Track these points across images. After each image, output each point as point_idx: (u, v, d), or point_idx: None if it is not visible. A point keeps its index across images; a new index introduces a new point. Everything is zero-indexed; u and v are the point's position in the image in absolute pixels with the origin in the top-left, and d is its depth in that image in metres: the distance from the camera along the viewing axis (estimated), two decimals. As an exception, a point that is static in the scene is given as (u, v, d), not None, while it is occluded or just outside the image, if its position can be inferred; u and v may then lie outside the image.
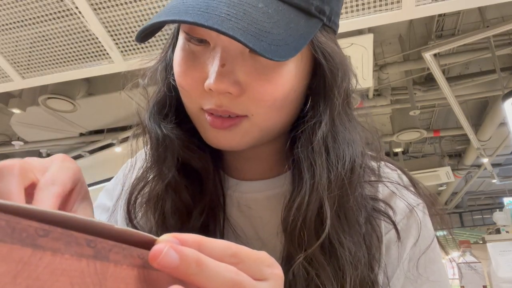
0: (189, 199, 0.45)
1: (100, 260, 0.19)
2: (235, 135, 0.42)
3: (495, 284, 1.66)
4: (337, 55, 0.43)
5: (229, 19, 0.35)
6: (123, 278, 0.20)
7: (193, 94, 0.42)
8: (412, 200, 0.47)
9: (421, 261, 0.44)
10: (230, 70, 0.39)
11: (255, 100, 0.40)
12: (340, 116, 0.42)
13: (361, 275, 0.39)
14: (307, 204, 0.39)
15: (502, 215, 2.20)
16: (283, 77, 0.40)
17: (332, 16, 0.43)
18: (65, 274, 0.18)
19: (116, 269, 0.20)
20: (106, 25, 1.64)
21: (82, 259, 0.19)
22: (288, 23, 0.38)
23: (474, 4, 1.59)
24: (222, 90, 0.39)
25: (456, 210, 8.61)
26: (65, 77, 1.97)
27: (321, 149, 0.40)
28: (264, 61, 0.39)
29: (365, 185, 0.46)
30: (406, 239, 0.45)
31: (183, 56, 0.42)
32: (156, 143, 0.46)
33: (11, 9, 1.60)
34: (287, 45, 0.37)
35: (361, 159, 0.42)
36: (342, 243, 0.39)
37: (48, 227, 0.18)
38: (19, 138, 3.93)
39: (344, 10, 1.56)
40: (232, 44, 0.39)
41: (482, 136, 3.98)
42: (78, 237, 0.19)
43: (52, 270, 0.17)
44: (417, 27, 3.11)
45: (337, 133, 0.42)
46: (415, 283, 0.43)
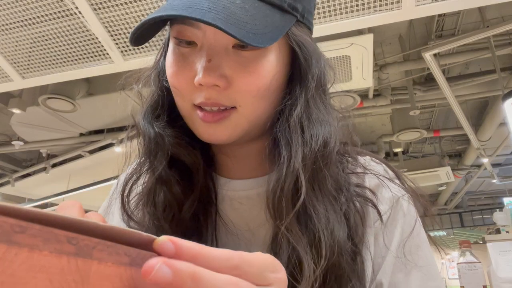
0: (180, 192, 0.48)
1: (83, 257, 0.19)
2: (225, 127, 0.45)
3: (495, 284, 1.66)
4: (310, 45, 0.47)
5: (210, 12, 0.39)
6: (108, 275, 0.20)
7: (185, 91, 0.45)
8: (397, 191, 0.50)
9: (408, 248, 0.46)
10: (216, 65, 0.43)
11: (241, 91, 0.44)
12: (314, 100, 0.46)
13: (339, 246, 0.41)
14: (285, 176, 0.43)
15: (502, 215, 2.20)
16: (264, 67, 0.44)
17: (305, 13, 0.48)
18: (44, 271, 0.17)
19: (100, 266, 0.20)
20: (106, 25, 1.64)
21: (62, 256, 0.18)
22: (264, 17, 0.42)
23: (474, 4, 1.60)
24: (210, 83, 0.42)
25: (456, 210, 8.61)
26: (65, 77, 1.97)
27: (296, 127, 0.44)
28: (246, 54, 0.44)
29: (352, 176, 0.49)
30: (394, 228, 0.47)
31: (174, 59, 0.46)
32: (148, 140, 0.49)
33: (11, 9, 1.60)
34: (265, 35, 0.41)
35: (334, 138, 0.45)
36: (316, 212, 0.42)
37: (25, 224, 0.17)
38: (19, 138, 3.93)
39: (344, 10, 1.56)
40: (216, 42, 0.44)
41: (482, 136, 3.98)
42: (58, 234, 0.18)
43: (29, 266, 0.17)
44: (417, 27, 3.11)
45: (311, 114, 0.45)
46: (404, 269, 0.45)
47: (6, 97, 3.01)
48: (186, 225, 0.48)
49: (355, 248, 0.43)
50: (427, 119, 4.83)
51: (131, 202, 0.51)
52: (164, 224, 0.48)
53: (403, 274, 0.45)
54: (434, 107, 4.43)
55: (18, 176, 4.71)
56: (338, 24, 1.61)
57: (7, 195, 5.52)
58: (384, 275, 0.45)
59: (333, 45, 2.20)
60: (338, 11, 1.57)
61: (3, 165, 4.94)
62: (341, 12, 1.57)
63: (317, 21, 1.61)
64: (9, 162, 4.99)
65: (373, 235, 0.46)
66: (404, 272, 0.45)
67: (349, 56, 2.30)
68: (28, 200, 5.37)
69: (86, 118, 3.43)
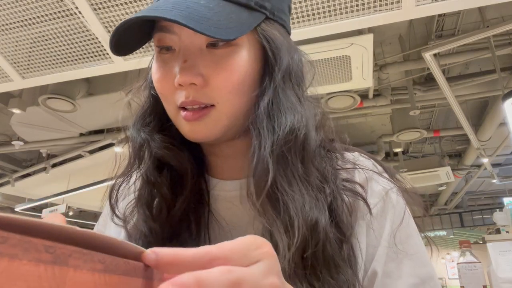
0: (169, 194, 0.51)
1: (59, 265, 0.20)
2: (206, 124, 0.47)
3: (495, 284, 1.66)
4: (278, 40, 0.49)
5: (172, 10, 0.42)
6: (83, 282, 0.21)
7: (169, 94, 0.48)
8: (386, 184, 0.51)
9: (399, 238, 0.47)
10: (191, 65, 0.46)
11: (217, 88, 0.46)
12: (283, 90, 0.48)
13: (318, 230, 0.42)
14: (255, 163, 0.45)
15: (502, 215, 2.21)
16: (237, 63, 0.46)
17: (275, 11, 0.51)
18: (22, 279, 0.18)
19: (75, 273, 0.20)
20: (106, 25, 1.64)
21: (40, 264, 0.19)
22: (229, 14, 0.45)
23: (474, 4, 1.60)
24: (187, 81, 0.45)
25: (456, 210, 8.61)
26: (65, 77, 1.97)
27: (263, 117, 0.47)
28: (219, 52, 0.46)
29: (342, 171, 0.52)
30: (384, 219, 0.49)
31: (157, 66, 0.50)
32: (135, 146, 0.52)
33: (11, 9, 1.60)
34: (229, 29, 0.44)
35: (303, 126, 0.47)
36: (288, 197, 0.44)
37: (6, 234, 0.18)
38: (19, 138, 3.93)
39: (344, 10, 1.56)
40: (191, 43, 0.47)
41: (482, 136, 3.98)
42: (36, 243, 0.19)
43: (9, 275, 0.18)
44: (417, 27, 3.12)
45: (278, 103, 0.48)
46: (396, 259, 0.46)
47: (6, 97, 3.01)
48: (178, 226, 0.50)
49: (342, 237, 0.45)
50: (427, 119, 4.83)
51: (127, 207, 0.54)
52: (156, 226, 0.50)
53: (395, 263, 0.46)
54: (434, 107, 4.43)
55: (18, 176, 4.71)
56: (338, 24, 1.61)
57: (7, 195, 5.53)
58: (378, 264, 0.46)
59: (333, 45, 2.20)
60: (338, 11, 1.57)
61: (3, 165, 4.94)
62: (341, 12, 1.57)
63: (317, 21, 1.61)
64: (9, 162, 4.99)
65: (365, 227, 0.48)
66: (396, 261, 0.46)
67: (349, 56, 2.30)
68: (28, 200, 5.37)
69: (86, 118, 3.43)
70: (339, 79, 2.56)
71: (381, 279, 0.45)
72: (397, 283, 0.45)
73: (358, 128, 4.89)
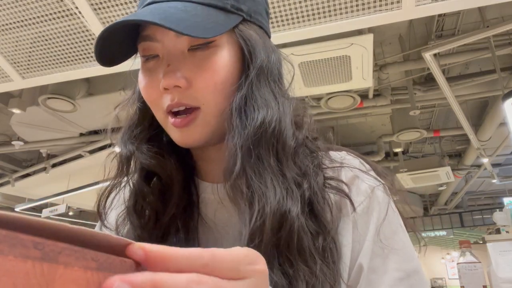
0: (158, 202, 0.52)
1: (48, 262, 0.19)
2: (195, 128, 0.49)
3: (495, 284, 1.66)
4: (254, 39, 0.52)
5: (150, 14, 0.44)
6: (74, 280, 0.20)
7: (156, 100, 0.50)
8: (372, 182, 0.52)
9: (384, 234, 0.48)
10: (175, 68, 0.48)
11: (201, 89, 0.48)
12: (257, 87, 0.50)
13: (287, 220, 0.44)
14: (227, 155, 0.48)
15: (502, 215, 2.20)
16: (217, 63, 0.48)
17: (252, 13, 0.53)
18: (8, 275, 0.18)
19: (66, 271, 0.20)
20: (106, 25, 1.64)
21: (27, 260, 0.19)
22: (206, 16, 0.47)
23: (474, 4, 1.60)
24: (171, 84, 0.47)
25: (456, 210, 8.61)
26: (65, 77, 1.97)
27: (235, 112, 0.48)
28: (200, 54, 0.48)
29: (328, 170, 0.53)
30: (370, 216, 0.50)
31: (143, 75, 0.51)
32: (124, 157, 0.54)
33: (11, 9, 1.61)
34: (206, 29, 0.45)
35: (275, 121, 0.49)
36: (254, 184, 0.45)
37: None
38: (19, 138, 3.93)
39: (344, 10, 1.56)
40: (173, 48, 0.49)
41: (482, 136, 3.98)
42: (24, 239, 0.19)
43: None
44: (417, 27, 3.12)
45: (251, 99, 0.49)
46: (381, 254, 0.47)
47: (6, 97, 3.01)
48: (167, 231, 0.51)
49: (318, 229, 0.46)
50: (427, 119, 4.83)
51: (119, 216, 0.55)
52: (144, 233, 0.51)
53: (381, 259, 0.47)
54: (434, 107, 4.43)
55: (18, 176, 4.71)
56: (338, 24, 1.61)
57: (7, 195, 5.53)
58: (364, 259, 0.47)
59: (333, 45, 2.20)
60: (338, 11, 1.57)
61: (3, 165, 4.94)
62: (341, 12, 1.57)
63: (317, 21, 1.61)
64: (9, 162, 4.99)
65: (351, 224, 0.49)
66: (381, 256, 0.47)
67: (349, 56, 2.30)
68: (28, 200, 5.37)
69: (86, 118, 3.43)
70: (339, 79, 2.56)
71: (367, 275, 0.46)
72: (383, 278, 0.46)
73: (358, 128, 4.89)
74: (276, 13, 1.58)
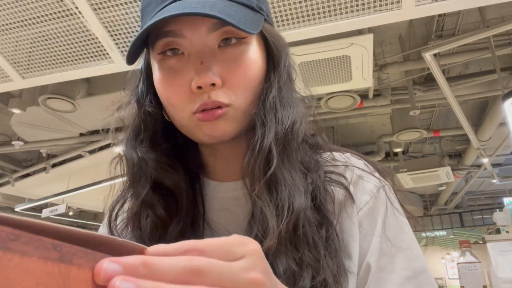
0: (164, 214, 0.51)
1: (65, 263, 0.21)
2: (225, 122, 0.48)
3: (495, 284, 1.66)
4: (280, 38, 0.53)
5: (203, 7, 0.43)
6: (86, 280, 0.22)
7: (182, 101, 0.47)
8: (377, 182, 0.53)
9: (391, 233, 0.49)
10: (208, 66, 0.46)
11: (234, 86, 0.47)
12: (285, 85, 0.51)
13: (297, 212, 0.45)
14: (257, 151, 0.47)
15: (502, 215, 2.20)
16: (249, 59, 0.48)
17: (268, 14, 0.54)
18: (32, 275, 0.20)
19: (79, 271, 0.22)
20: (106, 25, 1.64)
21: (47, 261, 0.21)
22: (242, 11, 0.47)
23: (474, 4, 1.60)
24: (208, 82, 0.45)
25: (456, 210, 8.61)
26: (65, 77, 1.97)
27: (271, 108, 0.48)
28: (231, 51, 0.48)
29: (331, 168, 0.54)
30: (376, 215, 0.50)
31: (163, 74, 0.49)
32: (132, 165, 0.52)
33: (11, 9, 1.60)
34: (248, 24, 0.45)
35: (299, 120, 0.50)
36: (284, 182, 0.46)
37: (19, 232, 0.20)
38: (19, 138, 3.93)
39: (344, 10, 1.56)
40: (204, 46, 0.47)
41: (482, 136, 3.98)
42: (45, 242, 0.21)
43: (20, 270, 0.19)
44: (417, 27, 3.12)
45: (282, 97, 0.50)
46: (389, 253, 0.47)
47: (6, 97, 3.01)
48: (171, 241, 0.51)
49: (321, 220, 0.47)
50: (427, 119, 4.83)
51: (117, 227, 0.54)
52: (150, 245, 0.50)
53: (389, 258, 0.47)
54: (434, 107, 4.43)
55: (18, 176, 4.71)
56: (338, 24, 1.61)
57: (7, 195, 5.52)
58: (371, 258, 0.47)
59: (333, 45, 2.20)
60: (338, 11, 1.57)
61: (3, 165, 4.94)
62: (341, 12, 1.57)
63: (317, 21, 1.61)
64: (9, 162, 4.99)
65: (357, 223, 0.49)
66: (389, 255, 0.47)
67: (349, 56, 2.30)
68: (28, 200, 5.37)
69: (86, 118, 3.43)
70: (339, 79, 2.56)
71: (375, 273, 0.46)
72: (391, 277, 0.46)
73: (358, 128, 4.89)
74: (276, 13, 1.58)
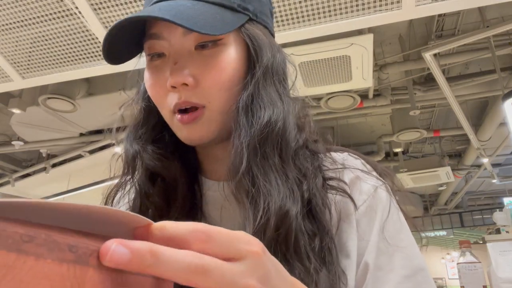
0: (162, 204, 0.52)
1: (80, 265, 0.21)
2: (202, 125, 0.49)
3: (495, 284, 1.66)
4: (260, 38, 0.52)
5: (161, 11, 0.45)
6: (102, 281, 0.21)
7: (162, 98, 0.50)
8: (375, 182, 0.53)
9: (389, 232, 0.49)
10: (182, 66, 0.48)
11: (208, 87, 0.48)
12: (263, 86, 0.50)
13: (286, 219, 0.44)
14: (234, 153, 0.48)
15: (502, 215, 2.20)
16: (224, 61, 0.49)
17: (258, 13, 0.54)
18: (46, 278, 0.19)
19: (95, 272, 0.21)
20: (106, 25, 1.64)
21: (63, 263, 0.20)
22: (213, 14, 0.48)
23: (474, 4, 1.60)
24: (179, 82, 0.47)
25: (456, 210, 8.61)
26: (65, 77, 1.97)
27: (242, 110, 0.49)
28: (208, 53, 0.49)
29: (329, 172, 0.53)
30: (374, 215, 0.50)
31: (149, 73, 0.51)
32: (130, 157, 0.54)
33: (11, 9, 1.60)
34: (214, 27, 0.46)
35: (280, 120, 0.49)
36: (259, 183, 0.46)
37: (33, 233, 0.19)
38: (19, 138, 3.93)
39: (344, 10, 1.56)
40: (181, 47, 0.49)
41: (482, 136, 3.98)
42: (60, 243, 0.20)
43: (34, 273, 0.19)
44: (417, 27, 3.11)
45: (258, 97, 0.49)
46: (387, 252, 0.47)
47: (6, 97, 3.00)
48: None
49: (316, 231, 0.47)
50: (427, 119, 4.83)
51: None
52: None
53: (387, 257, 0.47)
54: (434, 107, 4.43)
55: (18, 176, 4.71)
56: (338, 24, 1.61)
57: (7, 195, 5.53)
58: (369, 257, 0.47)
59: (333, 45, 2.20)
60: (338, 11, 1.57)
61: (3, 165, 4.94)
62: (341, 12, 1.57)
63: (317, 21, 1.61)
64: (9, 162, 4.99)
65: (355, 223, 0.49)
66: (387, 254, 0.47)
67: (349, 56, 2.30)
68: (28, 200, 5.36)
69: (86, 118, 3.43)
70: (339, 79, 2.56)
71: (373, 272, 0.46)
72: (389, 276, 0.46)
73: (358, 128, 4.89)
74: (276, 13, 1.58)
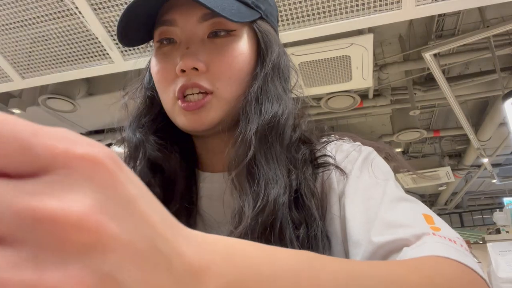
0: (161, 193, 0.52)
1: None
2: (207, 112, 0.49)
3: (495, 284, 1.66)
4: (271, 35, 0.54)
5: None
6: None
7: (168, 83, 0.50)
8: (350, 146, 0.55)
9: (363, 185, 0.48)
10: (194, 51, 0.49)
11: (218, 74, 0.49)
12: (272, 80, 0.52)
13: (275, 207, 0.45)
14: (240, 140, 0.48)
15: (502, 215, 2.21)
16: (235, 50, 0.50)
17: (268, 14, 0.55)
18: None
19: None
20: (106, 25, 1.64)
21: None
22: (230, 5, 0.49)
23: (474, 4, 1.60)
24: (190, 66, 0.47)
25: (456, 210, 8.61)
26: (65, 77, 1.97)
27: (252, 100, 0.50)
28: (220, 41, 0.50)
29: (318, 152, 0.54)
30: (353, 164, 0.51)
31: (157, 59, 0.52)
32: (132, 146, 0.54)
33: (11, 9, 1.60)
34: (233, 14, 0.47)
35: (285, 115, 0.51)
36: (262, 170, 0.47)
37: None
38: (19, 138, 3.92)
39: (344, 10, 1.56)
40: (193, 34, 0.50)
41: (482, 136, 3.98)
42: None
43: None
44: (417, 27, 3.11)
45: (266, 90, 0.51)
46: (364, 204, 0.46)
47: (6, 97, 3.00)
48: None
49: (301, 219, 0.47)
50: (427, 119, 4.83)
51: None
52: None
53: (364, 205, 0.46)
54: (434, 107, 4.43)
55: (18, 176, 4.70)
56: (338, 24, 1.61)
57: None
58: (358, 234, 0.44)
59: (333, 45, 2.20)
60: (338, 11, 1.57)
61: (3, 165, 4.94)
62: (341, 12, 1.57)
63: (317, 21, 1.61)
64: (9, 162, 4.99)
65: (339, 192, 0.50)
66: (364, 204, 0.46)
67: (349, 56, 2.30)
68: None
69: (86, 118, 3.43)
70: (339, 79, 2.56)
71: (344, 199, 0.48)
72: (379, 205, 0.45)
73: (358, 128, 4.89)
74: (276, 13, 1.58)
